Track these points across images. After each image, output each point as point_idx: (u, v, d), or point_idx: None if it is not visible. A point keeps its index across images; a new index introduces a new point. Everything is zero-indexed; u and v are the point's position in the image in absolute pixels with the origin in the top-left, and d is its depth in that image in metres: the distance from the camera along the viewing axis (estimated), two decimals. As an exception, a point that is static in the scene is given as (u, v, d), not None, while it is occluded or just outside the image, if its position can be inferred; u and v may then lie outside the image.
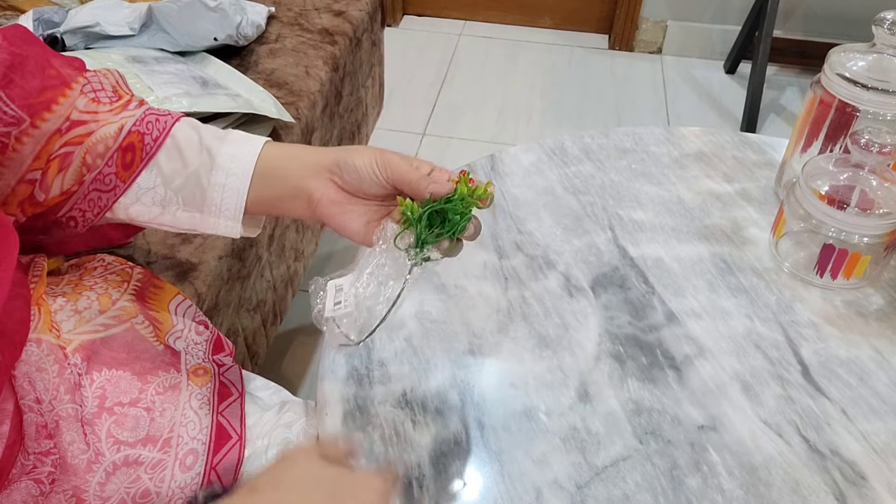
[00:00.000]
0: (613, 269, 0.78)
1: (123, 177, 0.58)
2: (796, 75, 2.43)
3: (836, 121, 0.79)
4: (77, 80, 0.59)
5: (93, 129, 0.58)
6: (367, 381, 0.67)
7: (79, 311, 0.59)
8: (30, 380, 0.53)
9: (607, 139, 0.96)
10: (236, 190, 0.58)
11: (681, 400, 0.66)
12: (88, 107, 0.58)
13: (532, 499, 0.58)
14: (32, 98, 0.55)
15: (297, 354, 1.52)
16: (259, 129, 1.09)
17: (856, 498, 0.59)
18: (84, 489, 0.54)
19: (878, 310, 0.75)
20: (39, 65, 0.57)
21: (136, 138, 0.58)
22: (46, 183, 0.57)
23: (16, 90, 0.54)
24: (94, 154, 0.57)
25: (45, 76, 0.56)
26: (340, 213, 0.58)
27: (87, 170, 0.57)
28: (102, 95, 0.60)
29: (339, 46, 1.37)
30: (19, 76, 0.54)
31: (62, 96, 0.57)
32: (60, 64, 0.59)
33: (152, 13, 1.17)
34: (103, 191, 0.58)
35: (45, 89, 0.56)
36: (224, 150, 0.58)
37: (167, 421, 0.59)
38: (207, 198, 0.58)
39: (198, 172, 0.58)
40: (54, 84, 0.57)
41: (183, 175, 0.58)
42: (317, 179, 0.58)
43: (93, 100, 0.59)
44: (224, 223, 0.59)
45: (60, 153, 0.57)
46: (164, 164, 0.58)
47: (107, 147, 0.57)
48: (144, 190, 0.58)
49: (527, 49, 2.55)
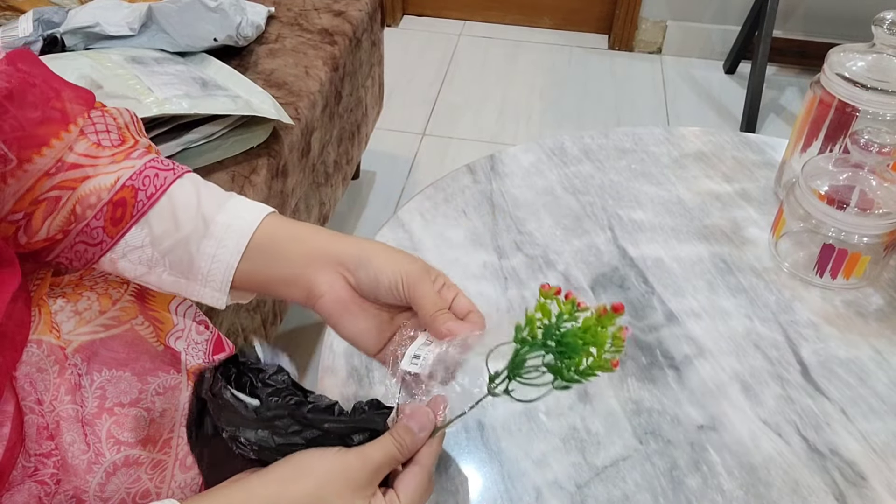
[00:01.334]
0: (613, 269, 0.78)
1: (111, 232, 0.54)
2: (796, 75, 2.43)
3: (835, 121, 0.79)
4: (78, 119, 0.55)
5: (89, 174, 0.54)
6: (367, 380, 0.67)
7: (79, 312, 0.59)
8: (31, 381, 0.53)
9: (607, 139, 0.97)
10: (225, 263, 0.54)
11: (680, 400, 0.66)
12: (89, 150, 0.55)
13: (532, 499, 0.58)
14: (26, 131, 0.51)
15: (297, 354, 1.52)
16: (259, 130, 1.09)
17: (855, 498, 0.59)
18: (84, 489, 0.54)
19: (877, 310, 0.75)
20: (44, 96, 0.53)
21: (128, 193, 0.54)
22: (32, 227, 0.54)
23: (7, 121, 0.50)
24: (85, 205, 0.54)
25: (48, 108, 0.53)
26: (345, 314, 0.53)
27: (74, 219, 0.54)
28: (105, 139, 0.56)
29: (338, 46, 1.37)
30: (16, 107, 0.51)
31: (56, 138, 0.53)
32: (70, 97, 0.55)
33: (152, 13, 1.17)
34: (89, 244, 0.55)
35: (42, 123, 0.52)
36: (220, 218, 0.55)
37: (167, 421, 0.59)
38: (195, 265, 0.55)
39: (188, 238, 0.54)
40: (54, 119, 0.53)
41: (173, 238, 0.54)
42: (324, 272, 0.53)
43: (95, 143, 0.55)
44: (210, 293, 0.55)
45: (49, 196, 0.54)
46: (156, 225, 0.55)
47: (99, 199, 0.54)
48: (132, 248, 0.55)
49: (526, 49, 2.56)
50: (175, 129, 1.02)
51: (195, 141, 1.04)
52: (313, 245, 0.54)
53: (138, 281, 0.57)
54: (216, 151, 1.06)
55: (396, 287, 0.52)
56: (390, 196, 1.94)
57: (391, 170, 2.02)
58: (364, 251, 0.53)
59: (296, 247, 0.54)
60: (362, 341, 0.55)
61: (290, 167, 1.16)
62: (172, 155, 1.02)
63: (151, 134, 1.00)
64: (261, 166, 1.08)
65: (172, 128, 1.02)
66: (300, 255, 0.54)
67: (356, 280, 0.53)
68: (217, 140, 1.06)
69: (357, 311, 0.54)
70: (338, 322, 0.54)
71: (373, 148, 1.93)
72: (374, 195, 1.94)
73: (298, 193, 1.23)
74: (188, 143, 1.03)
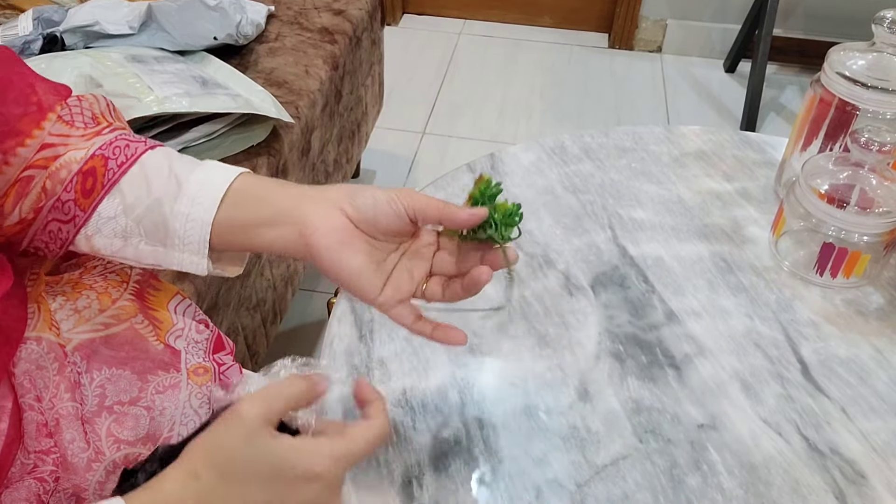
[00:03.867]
0: (613, 268, 0.78)
1: (83, 205, 0.53)
2: (796, 74, 2.43)
3: (835, 119, 0.79)
4: (56, 107, 0.54)
5: (60, 153, 0.53)
6: (367, 379, 0.67)
7: (78, 311, 0.59)
8: (30, 378, 0.53)
9: (607, 138, 0.96)
10: (200, 220, 0.52)
11: (680, 399, 0.66)
12: (60, 129, 0.54)
13: (532, 497, 0.58)
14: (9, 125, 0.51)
15: (297, 353, 1.51)
16: (259, 129, 1.09)
17: (855, 497, 0.59)
18: (84, 487, 0.54)
19: (877, 308, 0.75)
20: (23, 92, 0.53)
21: (98, 162, 0.53)
22: (3, 211, 0.53)
23: None
24: (56, 180, 0.53)
25: (28, 103, 0.52)
26: (343, 248, 0.51)
27: (45, 196, 0.53)
28: (79, 120, 0.55)
29: (338, 45, 1.37)
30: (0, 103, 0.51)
31: (37, 128, 0.53)
32: (44, 90, 0.54)
33: (152, 12, 1.17)
34: (62, 221, 0.54)
35: (24, 117, 0.52)
36: (194, 176, 0.53)
37: (167, 420, 0.59)
38: (170, 228, 0.52)
39: (161, 200, 0.52)
40: (32, 112, 0.53)
41: (145, 203, 0.53)
42: (317, 206, 0.51)
43: (67, 123, 0.54)
44: (188, 258, 0.53)
45: (22, 177, 0.53)
46: (128, 192, 0.53)
47: (69, 171, 0.53)
48: (105, 220, 0.53)
49: (526, 48, 2.55)
50: (175, 127, 1.02)
51: (195, 139, 1.04)
52: (300, 188, 0.53)
53: (116, 257, 0.55)
54: (216, 150, 1.06)
55: (394, 202, 0.50)
56: (390, 195, 1.93)
57: (391, 169, 2.02)
58: (354, 186, 0.52)
59: (281, 190, 0.52)
60: (363, 280, 0.51)
61: (290, 166, 1.16)
62: (172, 154, 1.02)
63: (151, 133, 1.00)
64: (261, 165, 1.07)
65: (172, 126, 1.02)
66: (287, 196, 0.52)
67: (354, 207, 0.51)
68: (217, 139, 1.06)
69: (356, 242, 0.51)
70: (336, 258, 0.51)
71: (373, 147, 1.93)
72: (374, 194, 1.94)
73: (298, 192, 1.23)
74: (188, 142, 1.03)
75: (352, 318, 0.72)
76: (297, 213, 0.51)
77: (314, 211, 0.51)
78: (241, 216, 0.52)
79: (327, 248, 0.51)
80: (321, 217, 0.51)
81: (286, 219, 0.51)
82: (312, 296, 1.63)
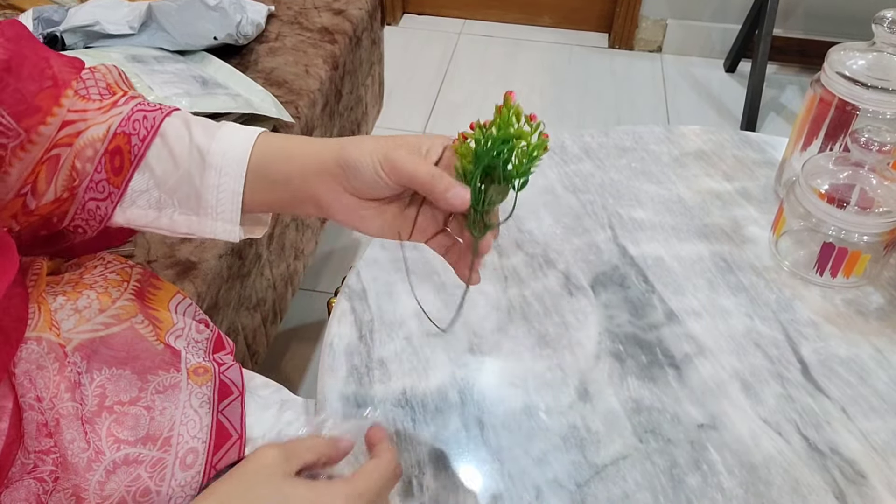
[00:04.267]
0: (613, 267, 0.78)
1: (115, 182, 0.55)
2: (796, 74, 2.43)
3: (835, 119, 0.79)
4: (72, 83, 0.56)
5: (81, 129, 0.55)
6: (367, 379, 0.67)
7: (79, 310, 0.59)
8: (30, 378, 0.53)
9: (607, 138, 0.97)
10: (231, 191, 0.54)
11: (680, 398, 0.66)
12: (77, 104, 0.55)
13: (532, 497, 0.58)
14: (27, 103, 0.52)
15: (297, 353, 1.52)
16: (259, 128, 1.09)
17: (855, 496, 0.59)
18: (84, 488, 0.54)
19: (877, 308, 0.75)
20: (38, 66, 0.54)
21: (122, 140, 0.54)
22: (38, 190, 0.55)
23: (10, 94, 0.51)
24: (84, 159, 0.54)
25: (43, 78, 0.54)
26: (359, 219, 0.53)
27: (76, 175, 0.55)
28: (94, 92, 0.56)
29: (338, 45, 1.37)
30: (14, 78, 0.52)
31: (56, 105, 0.54)
32: (59, 65, 0.56)
33: (152, 12, 1.17)
34: (99, 199, 0.56)
35: (40, 92, 0.53)
36: (214, 147, 0.54)
37: (167, 420, 0.60)
38: (203, 200, 0.55)
39: (189, 173, 0.54)
40: (48, 87, 0.54)
41: (175, 176, 0.55)
42: (321, 183, 0.53)
43: (83, 97, 0.56)
44: (222, 226, 0.55)
45: (50, 156, 0.54)
46: (155, 166, 0.55)
47: (95, 151, 0.54)
48: (138, 193, 0.55)
49: (526, 48, 2.55)
50: (175, 127, 1.02)
51: (195, 139, 1.04)
52: (304, 161, 0.53)
53: (150, 227, 0.57)
54: (216, 150, 1.05)
55: (376, 171, 0.50)
56: (390, 195, 1.94)
57: (391, 168, 2.02)
58: (343, 149, 0.52)
59: (289, 166, 0.54)
60: (388, 236, 0.54)
61: (290, 166, 1.16)
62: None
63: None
64: (261, 165, 1.07)
65: (172, 126, 1.02)
66: (295, 174, 0.53)
67: (349, 184, 0.52)
68: (217, 138, 1.06)
69: (367, 212, 0.53)
70: (357, 226, 0.54)
71: (373, 146, 1.92)
72: (374, 194, 1.94)
73: (298, 192, 1.23)
74: (188, 142, 1.03)
75: (352, 318, 0.72)
76: (309, 193, 0.53)
77: (320, 191, 0.53)
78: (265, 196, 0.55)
79: (346, 222, 0.54)
80: (327, 195, 0.53)
81: (303, 197, 0.54)
82: (312, 296, 1.63)
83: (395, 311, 0.73)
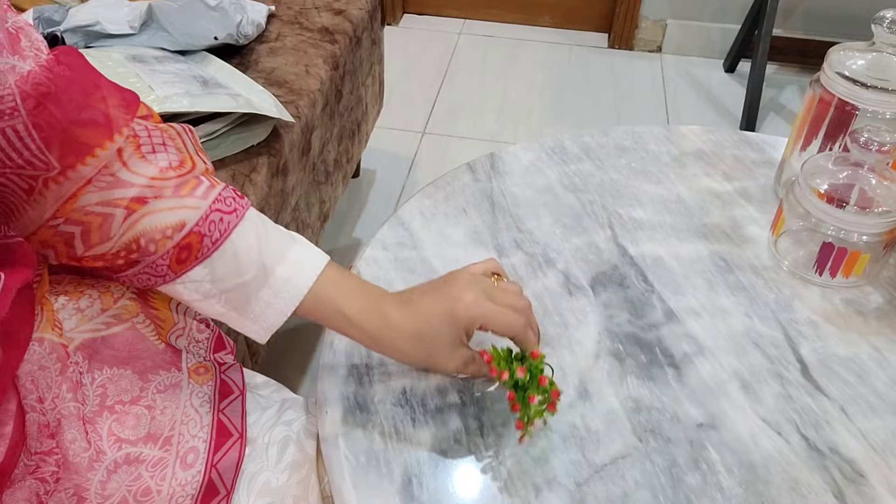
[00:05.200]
0: (613, 267, 0.78)
1: (175, 269, 0.55)
2: (796, 74, 2.43)
3: (835, 119, 0.79)
4: (123, 129, 0.53)
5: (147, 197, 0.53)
6: (367, 378, 0.67)
7: (81, 310, 0.60)
8: (32, 379, 0.54)
9: (607, 138, 0.97)
10: (279, 311, 0.57)
11: (680, 398, 0.66)
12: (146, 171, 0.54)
13: (531, 497, 0.58)
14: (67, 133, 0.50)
15: (297, 353, 1.52)
16: (259, 128, 1.10)
17: (854, 496, 0.59)
18: (85, 487, 0.54)
19: (877, 308, 0.75)
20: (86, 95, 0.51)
21: (195, 239, 0.55)
22: (91, 241, 0.54)
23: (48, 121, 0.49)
24: (148, 238, 0.54)
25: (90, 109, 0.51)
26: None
27: (137, 249, 0.54)
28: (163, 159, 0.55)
29: (339, 45, 1.37)
30: (56, 105, 0.49)
31: (100, 147, 0.51)
32: (113, 101, 0.53)
33: (152, 12, 1.17)
34: (153, 275, 0.56)
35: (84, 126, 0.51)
36: (279, 271, 0.57)
37: (168, 419, 0.60)
38: (251, 306, 0.57)
39: (247, 284, 0.56)
40: (96, 123, 0.51)
41: (233, 282, 0.56)
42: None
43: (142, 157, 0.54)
44: (256, 329, 0.58)
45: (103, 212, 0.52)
46: (218, 267, 0.56)
47: (164, 236, 0.54)
48: (191, 281, 0.56)
49: (526, 48, 2.56)
50: (175, 127, 1.02)
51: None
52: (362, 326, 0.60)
53: (185, 302, 0.58)
54: (217, 150, 1.06)
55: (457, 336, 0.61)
56: (390, 194, 1.94)
57: (391, 168, 2.02)
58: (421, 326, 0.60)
59: (340, 319, 0.60)
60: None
61: (291, 165, 1.17)
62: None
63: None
64: (261, 164, 1.08)
65: (173, 126, 1.02)
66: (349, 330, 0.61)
67: None
68: (218, 138, 1.06)
69: None
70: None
71: (373, 146, 1.93)
72: (374, 193, 1.94)
73: (299, 192, 1.23)
74: (188, 142, 1.03)
75: (352, 318, 0.72)
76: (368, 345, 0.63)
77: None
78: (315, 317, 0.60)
79: None
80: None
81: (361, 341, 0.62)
82: (312, 295, 1.62)
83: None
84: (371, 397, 0.65)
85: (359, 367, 0.68)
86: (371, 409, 0.64)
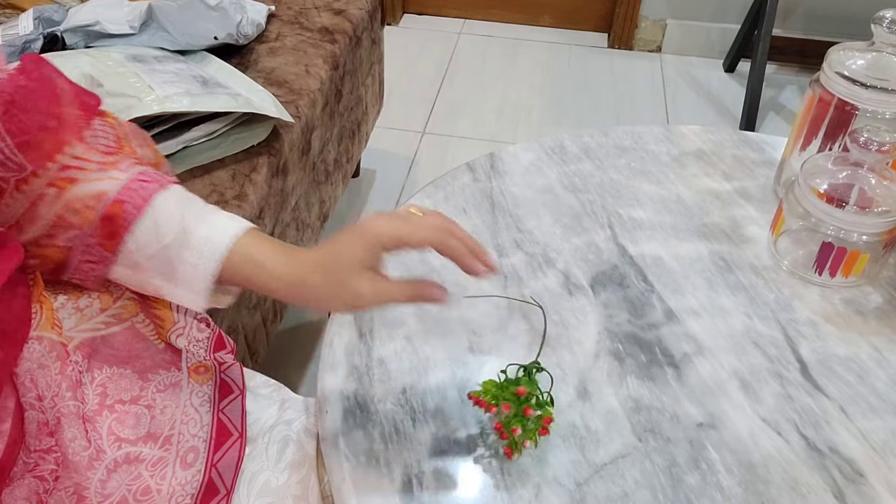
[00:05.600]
0: (613, 267, 0.78)
1: (109, 247, 0.56)
2: (795, 74, 2.43)
3: (835, 119, 0.79)
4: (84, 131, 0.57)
5: (76, 177, 0.55)
6: (367, 378, 0.67)
7: (80, 309, 0.60)
8: (31, 377, 0.54)
9: (606, 138, 0.97)
10: (205, 271, 0.56)
11: (680, 398, 0.66)
12: (79, 152, 0.56)
13: (531, 496, 0.58)
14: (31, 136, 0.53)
15: (297, 352, 1.52)
16: (259, 128, 1.10)
17: (854, 495, 0.59)
18: (85, 486, 0.54)
19: (876, 308, 0.75)
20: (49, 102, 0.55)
21: (117, 208, 0.55)
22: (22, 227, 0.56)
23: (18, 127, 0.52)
24: (70, 209, 0.55)
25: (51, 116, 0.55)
26: None
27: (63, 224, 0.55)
28: (101, 144, 0.58)
29: (339, 45, 1.37)
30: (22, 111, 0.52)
31: (66, 146, 0.55)
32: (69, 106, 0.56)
33: (152, 12, 1.17)
34: (94, 262, 0.56)
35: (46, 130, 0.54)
36: (201, 230, 0.56)
37: (168, 418, 0.60)
38: (177, 271, 0.56)
39: (169, 246, 0.56)
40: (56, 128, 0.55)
41: (155, 247, 0.56)
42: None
43: (88, 146, 0.57)
44: (190, 296, 0.57)
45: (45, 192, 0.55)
46: (139, 235, 0.56)
47: (85, 206, 0.55)
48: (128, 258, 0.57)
49: (526, 48, 2.56)
50: (176, 127, 1.02)
51: (196, 139, 1.04)
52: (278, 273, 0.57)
53: (122, 282, 0.58)
54: (217, 149, 1.06)
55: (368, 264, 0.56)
56: (390, 194, 1.94)
57: (391, 168, 2.02)
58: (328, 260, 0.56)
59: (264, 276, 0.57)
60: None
61: (291, 165, 1.17)
62: (173, 153, 1.02)
63: (152, 132, 1.00)
64: (261, 164, 1.08)
65: (173, 126, 1.02)
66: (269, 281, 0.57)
67: None
68: (218, 138, 1.06)
69: None
70: None
71: (373, 146, 1.93)
72: (374, 193, 1.94)
73: (299, 191, 1.23)
74: (189, 142, 1.03)
75: (352, 318, 0.73)
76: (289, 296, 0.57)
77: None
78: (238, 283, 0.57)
79: None
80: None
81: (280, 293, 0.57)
82: (312, 295, 1.63)
83: (396, 310, 0.73)
84: (371, 397, 0.65)
85: (359, 367, 0.68)
86: (371, 409, 0.64)
